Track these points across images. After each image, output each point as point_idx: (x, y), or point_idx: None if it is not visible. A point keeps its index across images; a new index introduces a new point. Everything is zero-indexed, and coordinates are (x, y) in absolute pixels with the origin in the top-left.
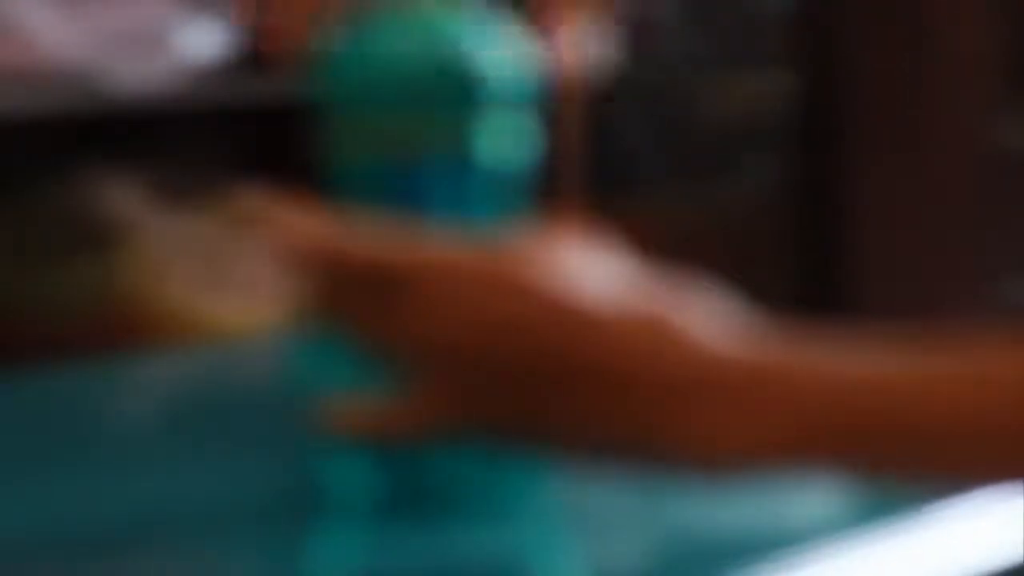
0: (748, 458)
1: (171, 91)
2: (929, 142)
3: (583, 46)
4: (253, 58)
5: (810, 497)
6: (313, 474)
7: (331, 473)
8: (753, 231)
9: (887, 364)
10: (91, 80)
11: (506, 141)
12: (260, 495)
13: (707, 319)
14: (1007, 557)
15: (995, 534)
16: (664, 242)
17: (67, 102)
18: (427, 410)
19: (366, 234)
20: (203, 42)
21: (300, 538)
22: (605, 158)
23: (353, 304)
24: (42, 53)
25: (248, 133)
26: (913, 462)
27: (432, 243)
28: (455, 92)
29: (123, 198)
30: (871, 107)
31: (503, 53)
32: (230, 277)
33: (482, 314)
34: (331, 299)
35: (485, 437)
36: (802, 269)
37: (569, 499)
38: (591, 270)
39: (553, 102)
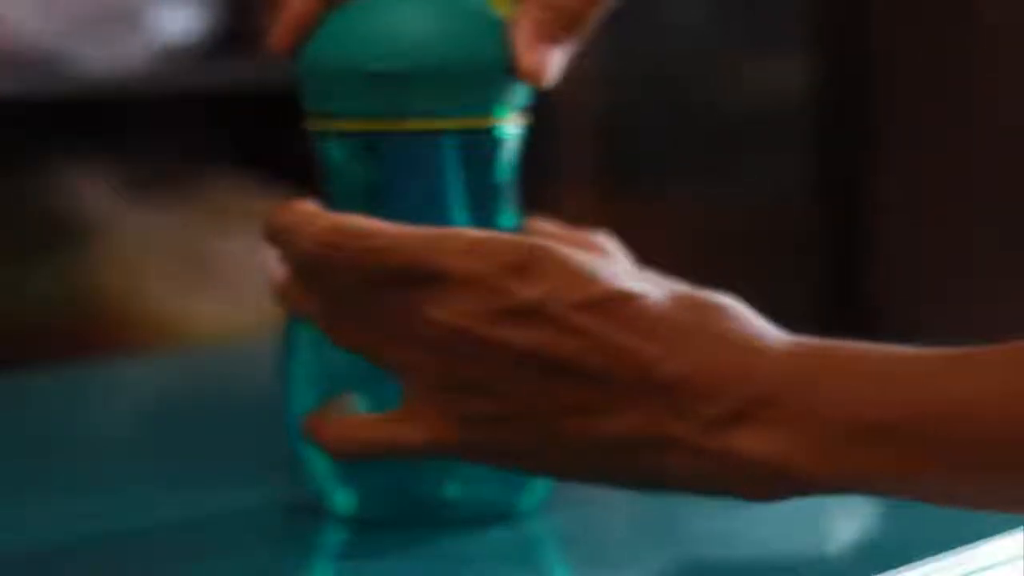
0: (807, 472)
1: (145, 74)
2: (967, 137)
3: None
4: (233, 38)
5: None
6: (302, 480)
7: (321, 478)
8: (774, 230)
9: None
10: (60, 63)
11: (507, 114)
12: (247, 503)
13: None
14: None
15: None
16: (679, 240)
17: (34, 87)
18: (417, 428)
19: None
20: (179, 22)
21: (288, 546)
22: (616, 151)
23: (357, 307)
24: (7, 35)
25: (228, 119)
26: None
27: (453, 233)
28: (453, 60)
29: (95, 191)
30: (905, 96)
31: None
32: (210, 275)
33: (508, 299)
34: (329, 304)
35: (478, 461)
36: (826, 270)
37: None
38: (622, 263)
39: (560, 93)
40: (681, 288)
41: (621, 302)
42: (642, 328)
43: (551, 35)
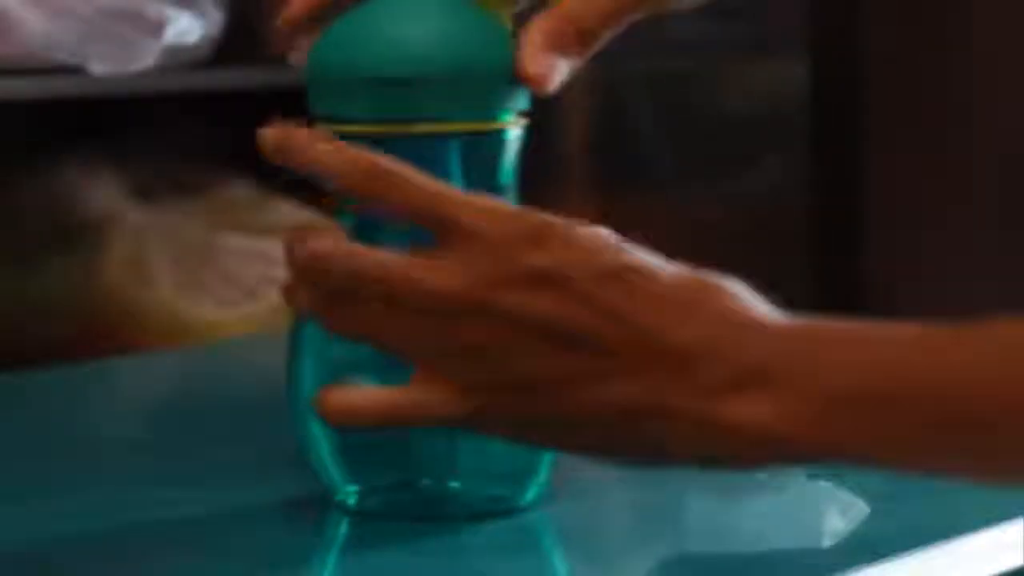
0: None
1: (148, 75)
2: (966, 137)
3: None
4: (236, 40)
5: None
6: (307, 475)
7: (325, 473)
8: (770, 230)
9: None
10: (70, 67)
11: (507, 116)
12: (251, 498)
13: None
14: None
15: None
16: (678, 241)
17: (38, 88)
18: (421, 396)
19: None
20: (188, 26)
21: (293, 539)
22: (614, 152)
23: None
24: (18, 39)
25: (230, 120)
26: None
27: (475, 196)
28: (457, 65)
29: (98, 191)
30: (898, 99)
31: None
32: (212, 274)
33: (517, 265)
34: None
35: (486, 432)
36: (825, 271)
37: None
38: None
39: (561, 94)
40: (683, 268)
41: (627, 272)
42: (646, 298)
43: (561, 47)
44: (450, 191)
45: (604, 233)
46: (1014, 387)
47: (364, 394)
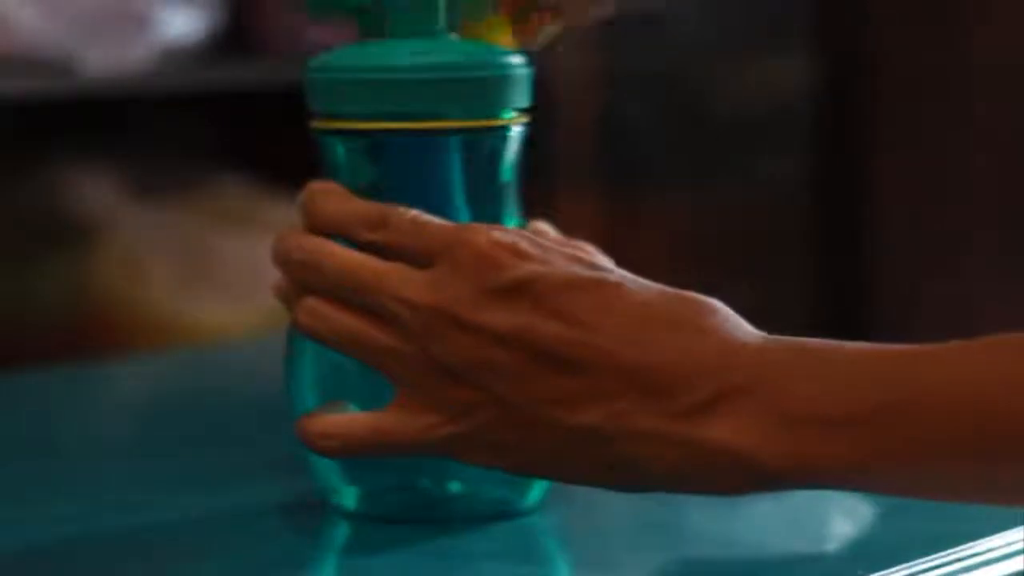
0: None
1: (147, 75)
2: (966, 138)
3: (590, 31)
4: (234, 39)
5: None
6: (307, 477)
7: (325, 475)
8: (771, 230)
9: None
10: (62, 64)
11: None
12: (251, 500)
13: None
14: None
15: None
16: (678, 241)
17: (36, 87)
18: (400, 424)
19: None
20: (180, 22)
21: (293, 542)
22: (615, 151)
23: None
24: (11, 35)
25: (229, 119)
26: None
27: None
28: (457, 61)
29: (97, 191)
30: (899, 99)
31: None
32: (211, 275)
33: (497, 277)
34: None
35: (467, 459)
36: (826, 270)
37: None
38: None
39: (560, 92)
40: (663, 287)
41: (604, 289)
42: (621, 315)
43: None
44: (432, 220)
45: (585, 248)
46: (988, 408)
47: (348, 420)
